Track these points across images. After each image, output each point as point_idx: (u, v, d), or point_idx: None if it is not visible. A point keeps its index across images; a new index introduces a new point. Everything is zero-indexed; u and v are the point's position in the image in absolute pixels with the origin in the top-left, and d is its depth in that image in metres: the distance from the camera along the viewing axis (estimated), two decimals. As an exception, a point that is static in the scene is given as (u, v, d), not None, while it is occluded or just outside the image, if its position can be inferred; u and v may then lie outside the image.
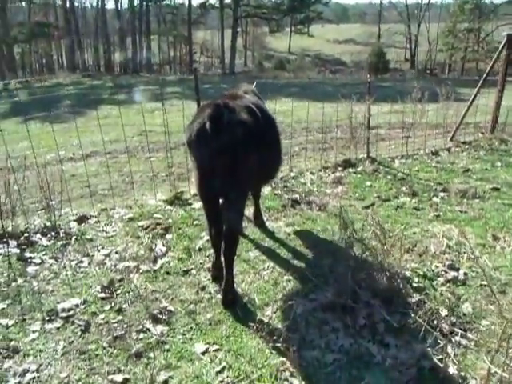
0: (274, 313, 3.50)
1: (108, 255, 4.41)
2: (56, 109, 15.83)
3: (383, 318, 3.34)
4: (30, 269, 4.21)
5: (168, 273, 4.10)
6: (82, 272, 4.13)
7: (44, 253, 4.50)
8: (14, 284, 3.95)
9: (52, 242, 4.71)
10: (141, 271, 4.11)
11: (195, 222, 5.08)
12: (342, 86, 23.98)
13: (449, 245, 4.43)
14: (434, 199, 5.77)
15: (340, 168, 7.08)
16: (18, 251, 4.53)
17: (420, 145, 8.51)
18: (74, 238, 4.76)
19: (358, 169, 7.09)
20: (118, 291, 3.81)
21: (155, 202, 5.71)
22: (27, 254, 4.45)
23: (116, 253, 4.44)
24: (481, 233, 4.72)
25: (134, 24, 35.43)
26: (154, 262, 4.28)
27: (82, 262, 4.31)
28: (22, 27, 37.18)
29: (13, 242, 4.67)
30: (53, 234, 4.86)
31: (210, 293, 3.80)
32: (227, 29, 38.98)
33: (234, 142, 3.24)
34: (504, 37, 7.76)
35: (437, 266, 4.05)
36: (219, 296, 3.72)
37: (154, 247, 4.50)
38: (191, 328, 3.36)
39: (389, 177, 6.64)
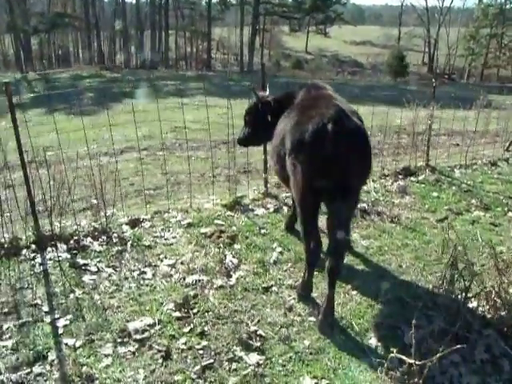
0: (379, 341, 3.02)
1: (173, 266, 3.92)
2: (79, 101, 15.48)
3: (504, 352, 2.86)
4: (87, 278, 3.73)
5: (246, 289, 3.61)
6: (147, 285, 3.65)
7: (98, 259, 4.02)
8: (72, 296, 3.48)
9: (105, 247, 4.23)
10: (215, 286, 3.63)
11: (262, 231, 4.59)
12: (368, 88, 23.53)
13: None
14: (510, 214, 5.25)
15: (400, 176, 6.56)
16: (69, 256, 4.06)
17: (475, 153, 7.99)
18: (129, 244, 4.27)
19: (420, 178, 6.57)
20: (194, 310, 3.33)
21: (212, 205, 5.21)
22: (80, 261, 3.98)
23: (182, 263, 3.95)
24: None
25: (153, 18, 34.96)
26: (228, 276, 3.79)
27: (144, 272, 3.82)
28: (41, 17, 36.86)
29: (62, 246, 4.20)
30: (104, 238, 4.39)
31: (299, 315, 3.32)
32: (245, 26, 38.57)
33: (353, 147, 2.95)
34: None
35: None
36: (311, 319, 3.26)
37: (224, 259, 4.00)
38: (290, 358, 2.89)
39: (454, 188, 6.13)
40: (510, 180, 6.66)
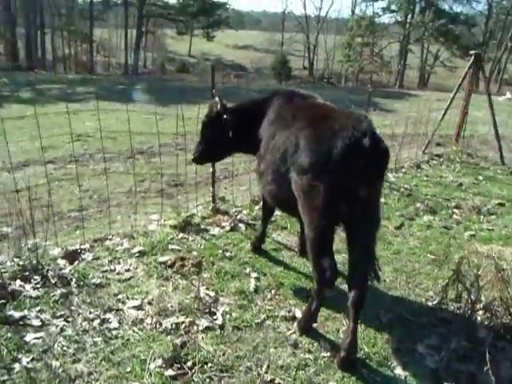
0: (405, 369, 2.82)
1: (140, 308, 3.25)
2: None
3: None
4: (31, 337, 2.89)
5: (238, 328, 3.13)
6: (116, 337, 2.94)
7: (38, 309, 3.17)
8: (17, 367, 2.63)
9: (42, 290, 3.37)
10: (201, 329, 3.07)
11: (227, 254, 4.11)
12: (261, 91, 23.92)
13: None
14: (455, 217, 5.55)
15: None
16: (-6, 308, 3.13)
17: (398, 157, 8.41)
18: (73, 284, 3.46)
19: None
20: (188, 363, 2.74)
21: (158, 227, 4.55)
22: (13, 313, 3.08)
23: (150, 304, 3.30)
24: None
25: (25, 13, 30.89)
26: (210, 313, 3.25)
27: (107, 320, 3.10)
28: None
29: (-20, 296, 3.23)
30: (37, 278, 3.50)
31: (309, 351, 2.95)
32: (123, 28, 36.63)
33: (384, 161, 2.74)
34: (472, 55, 8.04)
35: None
36: (324, 354, 2.91)
37: (197, 293, 3.44)
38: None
39: (395, 192, 6.30)
40: (439, 182, 7.03)
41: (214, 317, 3.21)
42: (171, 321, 3.11)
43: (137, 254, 3.97)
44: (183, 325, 3.08)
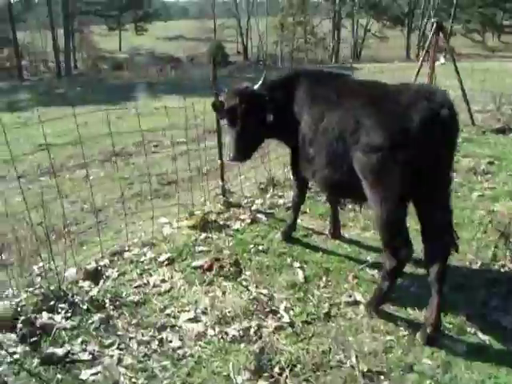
0: (484, 333, 2.79)
1: (197, 319, 2.95)
2: None
3: None
4: (88, 375, 2.53)
5: (308, 322, 2.93)
6: (184, 356, 2.64)
7: (81, 340, 2.79)
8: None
9: (76, 319, 2.98)
10: (271, 330, 2.84)
11: (261, 248, 3.87)
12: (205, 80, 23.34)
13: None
14: (456, 180, 5.60)
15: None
16: (27, 349, 2.72)
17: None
18: (110, 307, 3.09)
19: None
20: (276, 369, 2.50)
21: (175, 230, 4.21)
22: (54, 351, 2.68)
23: (204, 313, 3.01)
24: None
25: None
26: (272, 312, 3.02)
27: (167, 340, 2.78)
28: None
29: (9, 336, 2.80)
30: (65, 306, 3.09)
31: (387, 333, 2.82)
32: (47, 30, 34.30)
33: (458, 131, 2.68)
34: (434, 24, 8.14)
35: None
36: (403, 333, 2.82)
37: (249, 292, 3.19)
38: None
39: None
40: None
41: (278, 315, 2.98)
42: (237, 328, 2.84)
43: (166, 262, 3.63)
44: (251, 330, 2.82)
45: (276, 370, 2.49)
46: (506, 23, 51.29)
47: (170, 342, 2.76)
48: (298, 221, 4.35)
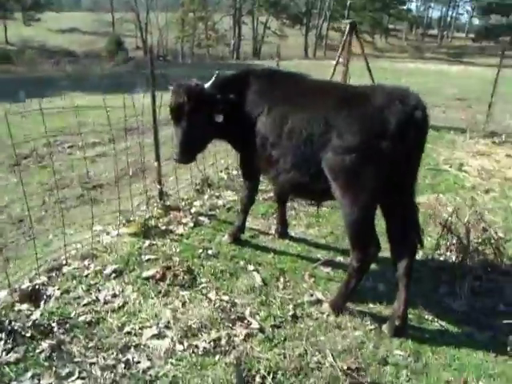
0: (441, 319, 3.01)
1: (161, 335, 2.78)
2: None
3: None
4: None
5: (277, 326, 2.92)
6: (157, 377, 2.47)
7: (31, 374, 2.47)
8: None
9: (21, 350, 2.63)
10: (242, 338, 2.78)
11: (210, 252, 3.76)
12: (108, 77, 22.05)
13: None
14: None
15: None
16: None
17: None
18: (59, 331, 2.78)
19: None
20: (257, 378, 2.46)
21: (115, 238, 3.91)
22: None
23: (167, 327, 2.85)
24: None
25: None
26: (239, 319, 2.95)
27: (134, 361, 2.57)
28: None
29: None
30: (2, 336, 2.71)
31: (354, 328, 2.92)
32: None
33: (427, 131, 2.74)
34: (347, 24, 8.62)
35: None
36: (370, 327, 2.95)
37: (210, 299, 3.09)
38: None
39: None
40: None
41: (246, 321, 2.93)
42: (206, 339, 2.74)
43: (113, 275, 3.36)
44: (222, 340, 2.74)
45: (257, 379, 2.45)
46: (391, 27, 56.64)
47: (138, 362, 2.56)
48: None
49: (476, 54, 56.33)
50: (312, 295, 3.24)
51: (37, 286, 3.17)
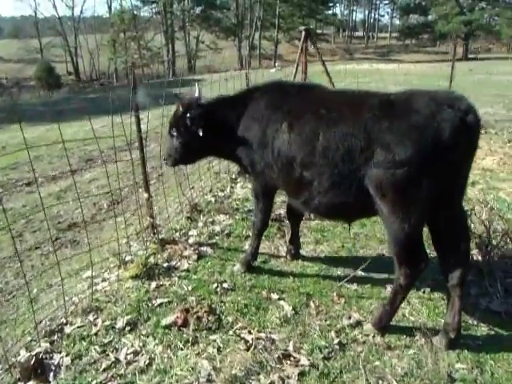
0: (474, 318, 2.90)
1: (206, 391, 2.43)
2: None
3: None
4: None
5: (331, 356, 2.65)
6: None
7: None
8: None
9: None
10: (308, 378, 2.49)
11: (226, 286, 3.45)
12: (50, 103, 20.90)
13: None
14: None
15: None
16: None
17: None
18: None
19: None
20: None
21: (111, 284, 3.49)
22: None
23: (210, 382, 2.50)
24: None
25: None
26: (290, 359, 2.67)
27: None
28: None
29: None
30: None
31: (406, 346, 2.72)
32: None
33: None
34: (302, 31, 8.63)
35: None
36: (419, 341, 2.77)
37: (245, 342, 2.78)
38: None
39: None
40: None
41: (292, 358, 2.65)
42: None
43: (127, 328, 2.95)
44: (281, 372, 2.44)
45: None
46: (319, 32, 58.90)
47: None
48: (247, 247, 4.06)
49: (401, 51, 59.83)
50: (350, 317, 3.02)
51: (39, 356, 2.70)
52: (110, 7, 41.89)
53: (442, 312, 3.04)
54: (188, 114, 3.20)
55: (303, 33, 8.55)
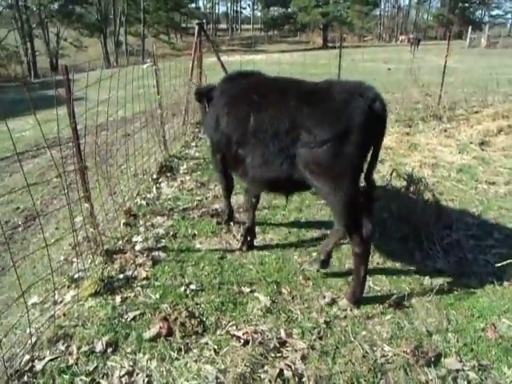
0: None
1: (220, 394, 2.42)
2: None
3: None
4: None
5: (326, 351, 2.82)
6: None
7: None
8: None
9: None
10: (309, 358, 2.61)
11: (193, 287, 3.39)
12: None
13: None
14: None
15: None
16: None
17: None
18: None
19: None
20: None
21: (70, 306, 3.18)
22: None
23: None
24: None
25: None
26: (284, 348, 2.77)
27: None
28: None
29: None
30: None
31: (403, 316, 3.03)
32: None
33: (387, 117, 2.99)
34: (196, 26, 8.53)
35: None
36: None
37: (239, 338, 2.82)
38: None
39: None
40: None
41: (289, 344, 2.76)
42: (270, 379, 2.49)
43: (109, 350, 2.74)
44: (285, 372, 2.53)
45: (348, 397, 2.35)
46: (183, 26, 58.29)
47: None
48: (198, 245, 4.04)
49: (266, 42, 62.45)
50: (324, 297, 3.23)
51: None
52: None
53: (400, 278, 3.44)
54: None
55: (196, 27, 8.47)
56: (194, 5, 62.12)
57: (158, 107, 6.30)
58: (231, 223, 4.41)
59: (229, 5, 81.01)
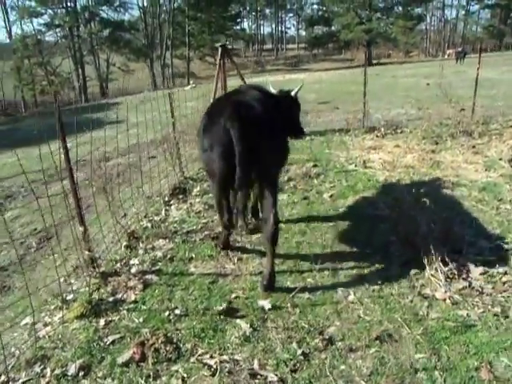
0: None
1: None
2: None
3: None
4: None
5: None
6: None
7: None
8: None
9: None
10: None
11: (177, 312, 3.34)
12: None
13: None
14: (301, 186, 6.16)
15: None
16: None
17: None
18: None
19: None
20: None
21: (54, 329, 3.24)
22: None
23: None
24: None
25: None
26: (256, 378, 2.65)
27: None
28: None
29: None
30: None
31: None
32: None
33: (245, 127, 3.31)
34: (219, 47, 8.72)
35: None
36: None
37: (210, 368, 2.73)
38: None
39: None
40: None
41: (259, 376, 2.64)
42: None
43: (81, 373, 2.75)
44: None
45: None
46: (229, 47, 59.73)
47: None
48: (192, 269, 4.02)
49: (310, 61, 62.75)
50: (321, 333, 3.03)
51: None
52: (9, 32, 39.04)
53: (394, 308, 3.22)
54: None
55: (219, 49, 8.63)
56: (238, 27, 63.84)
57: (172, 130, 6.44)
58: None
59: (273, 25, 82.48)
